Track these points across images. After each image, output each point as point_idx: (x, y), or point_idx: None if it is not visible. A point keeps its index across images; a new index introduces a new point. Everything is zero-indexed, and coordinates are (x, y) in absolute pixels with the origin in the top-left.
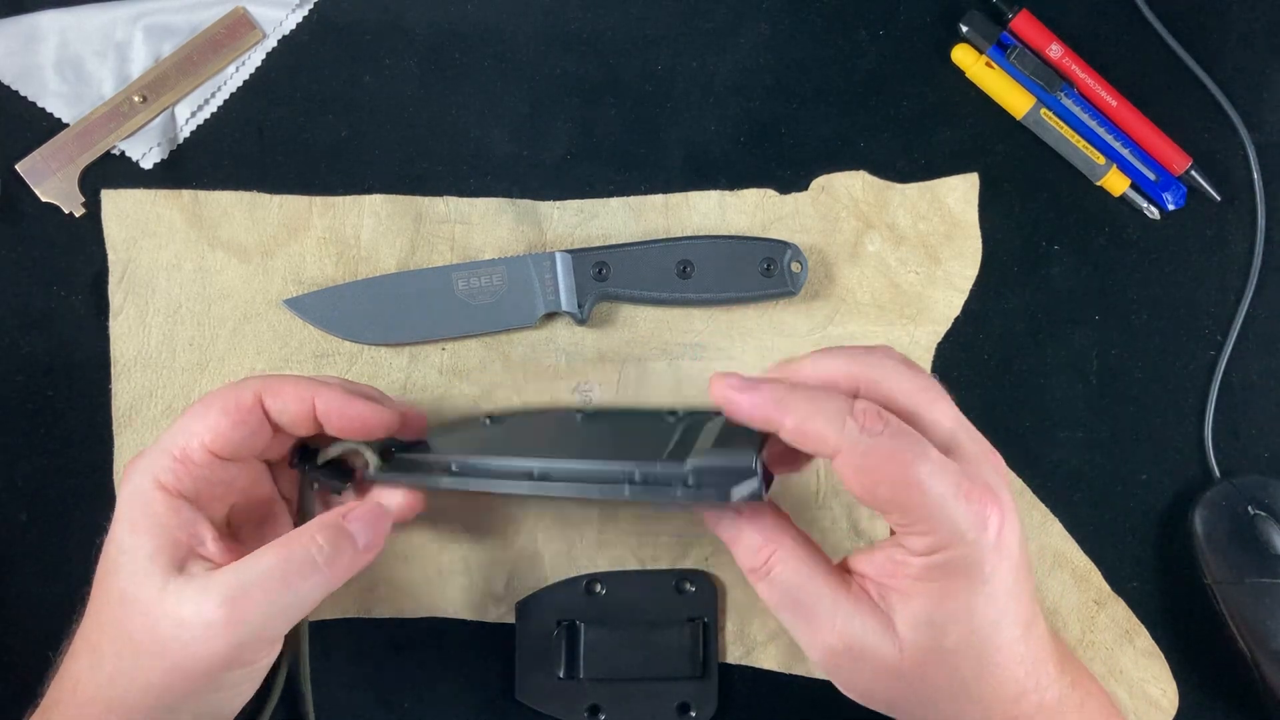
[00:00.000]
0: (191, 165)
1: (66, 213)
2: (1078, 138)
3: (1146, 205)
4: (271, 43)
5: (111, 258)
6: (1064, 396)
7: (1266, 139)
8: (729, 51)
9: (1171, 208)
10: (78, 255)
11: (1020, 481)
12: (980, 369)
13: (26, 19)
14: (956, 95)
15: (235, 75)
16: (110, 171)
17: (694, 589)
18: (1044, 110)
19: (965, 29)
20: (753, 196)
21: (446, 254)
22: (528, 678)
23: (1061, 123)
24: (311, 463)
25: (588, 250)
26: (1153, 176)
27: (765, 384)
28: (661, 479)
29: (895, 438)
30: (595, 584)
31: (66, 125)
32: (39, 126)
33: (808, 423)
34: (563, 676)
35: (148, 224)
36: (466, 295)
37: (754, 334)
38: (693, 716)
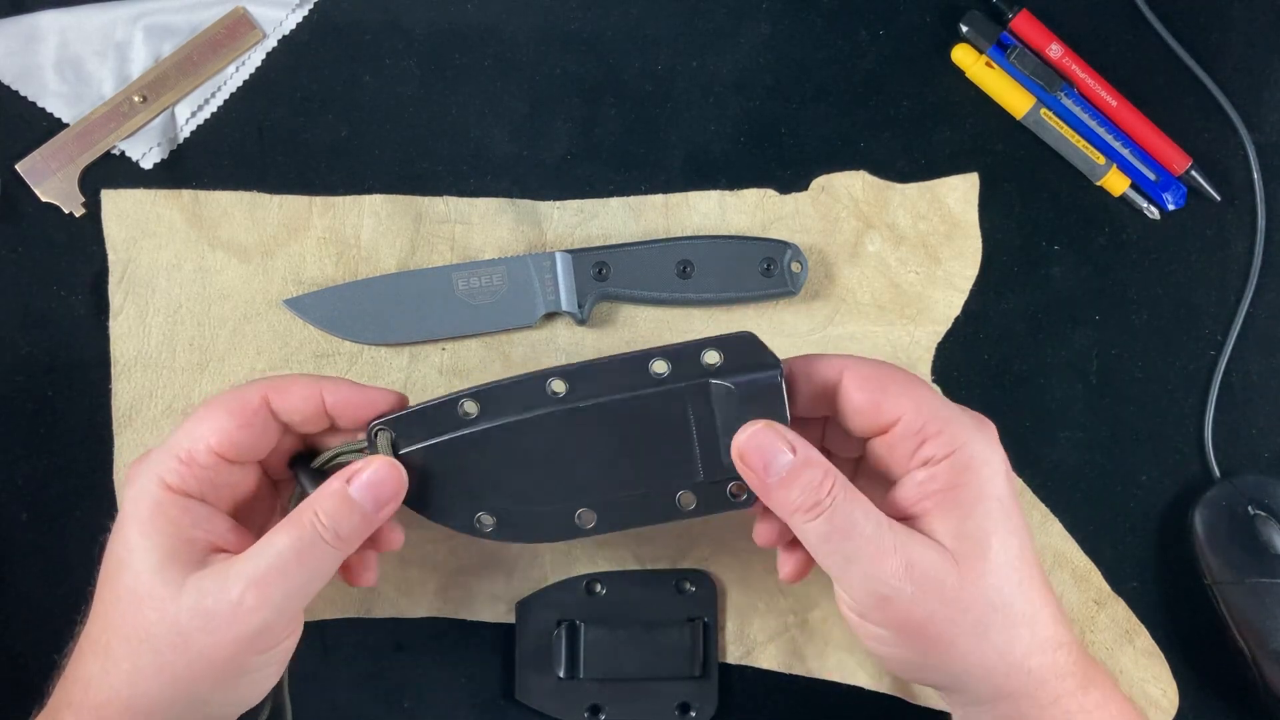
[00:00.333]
0: (191, 165)
1: (66, 213)
2: (1078, 138)
3: (1146, 205)
4: (271, 43)
5: (111, 258)
6: (1064, 396)
7: (1266, 139)
8: (729, 51)
9: (1171, 208)
10: (78, 255)
11: (1020, 481)
12: (980, 369)
13: (26, 19)
14: (956, 95)
15: (235, 75)
16: (110, 171)
17: (694, 589)
18: (1044, 110)
19: (965, 29)
20: (753, 196)
21: (446, 254)
22: (528, 678)
23: (1061, 123)
24: (304, 465)
25: (588, 250)
26: (1153, 176)
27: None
28: (717, 496)
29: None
30: (595, 584)
31: (66, 125)
32: (39, 126)
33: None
34: (563, 676)
35: (148, 224)
36: (466, 295)
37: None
38: (693, 716)
